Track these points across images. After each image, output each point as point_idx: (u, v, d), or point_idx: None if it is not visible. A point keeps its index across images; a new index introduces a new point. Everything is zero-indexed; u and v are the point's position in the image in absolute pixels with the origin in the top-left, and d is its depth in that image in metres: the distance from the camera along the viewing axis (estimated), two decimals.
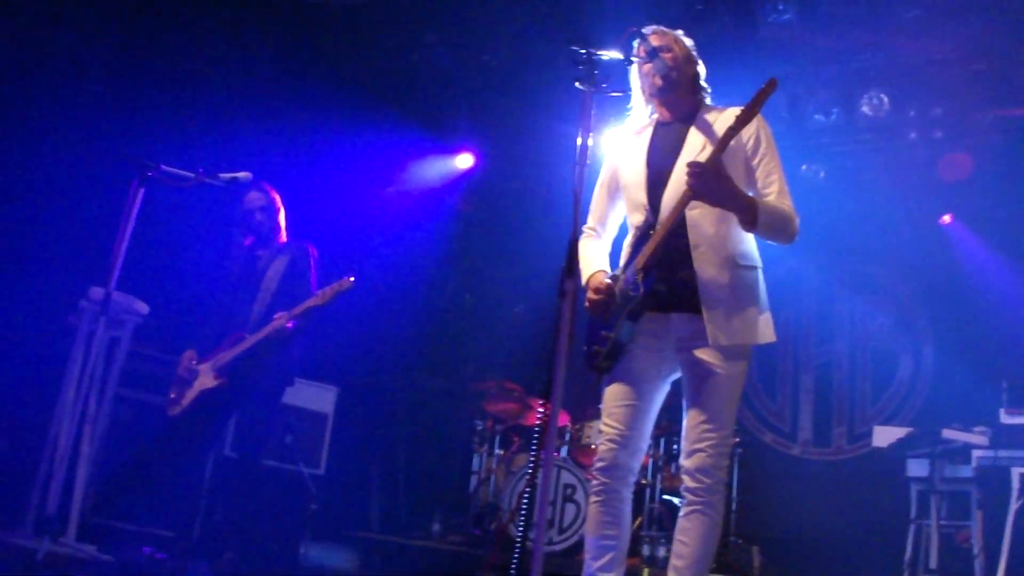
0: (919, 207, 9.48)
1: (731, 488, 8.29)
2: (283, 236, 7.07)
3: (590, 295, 4.38)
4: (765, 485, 9.16)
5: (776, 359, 10.13)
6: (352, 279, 6.62)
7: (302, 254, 7.01)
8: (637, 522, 8.36)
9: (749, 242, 4.40)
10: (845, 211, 9.63)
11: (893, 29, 8.27)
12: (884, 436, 7.94)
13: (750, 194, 4.21)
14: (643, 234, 4.37)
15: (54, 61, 8.41)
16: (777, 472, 9.54)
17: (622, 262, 4.50)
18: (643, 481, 8.41)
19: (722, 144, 4.10)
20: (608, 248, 4.72)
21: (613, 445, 4.35)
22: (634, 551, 8.00)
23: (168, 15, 8.82)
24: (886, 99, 8.97)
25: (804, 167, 9.68)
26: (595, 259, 4.60)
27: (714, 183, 4.04)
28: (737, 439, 8.41)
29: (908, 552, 7.55)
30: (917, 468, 7.70)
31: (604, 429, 4.41)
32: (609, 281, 4.42)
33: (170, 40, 8.91)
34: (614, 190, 4.66)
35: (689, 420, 4.26)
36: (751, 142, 4.33)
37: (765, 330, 4.35)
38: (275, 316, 6.61)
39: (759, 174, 4.31)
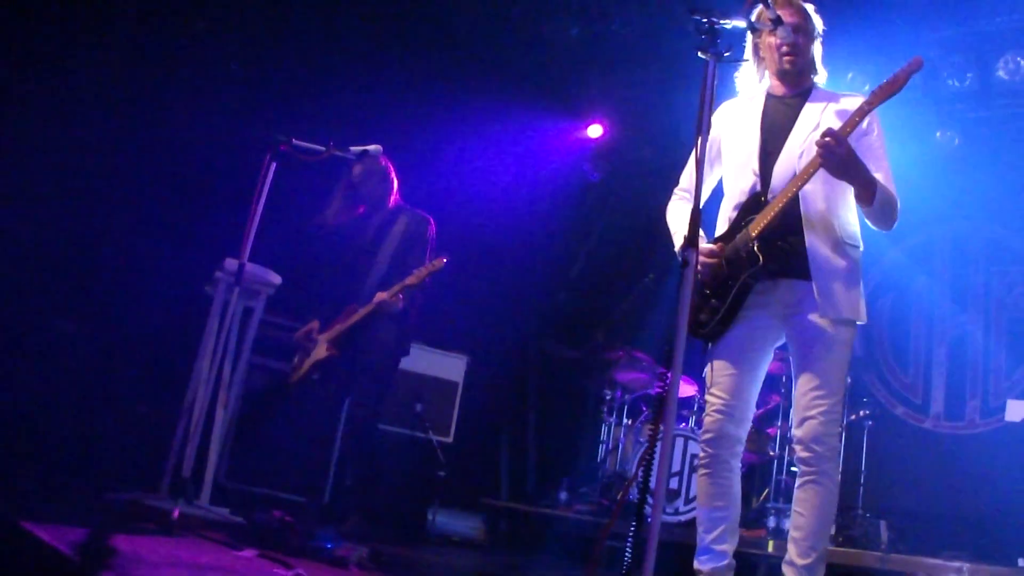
0: None
1: (860, 461, 8.20)
2: (392, 200, 7.14)
3: (704, 259, 4.36)
4: (895, 459, 9.02)
5: (909, 330, 9.93)
6: (444, 260, 6.70)
7: (419, 222, 7.10)
8: (764, 494, 8.32)
9: (854, 223, 4.41)
10: (980, 179, 9.39)
11: None
12: (1018, 410, 7.77)
13: None
14: (751, 201, 4.37)
15: (195, 46, 8.61)
16: (907, 446, 9.36)
17: (722, 228, 4.50)
18: (771, 453, 8.37)
19: (856, 118, 4.11)
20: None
21: (720, 416, 4.38)
22: (760, 523, 7.97)
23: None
24: (1023, 63, 8.72)
25: (938, 134, 9.44)
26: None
27: (842, 154, 4.02)
28: (867, 412, 8.31)
29: None
30: None
31: (710, 400, 4.43)
32: (720, 246, 4.41)
33: (302, 21, 9.06)
34: (714, 156, 4.66)
35: (799, 388, 4.27)
36: (864, 126, 4.29)
37: (863, 310, 4.34)
38: (376, 296, 6.73)
39: (868, 157, 4.26)
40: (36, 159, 7.82)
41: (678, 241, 4.53)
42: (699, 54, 3.77)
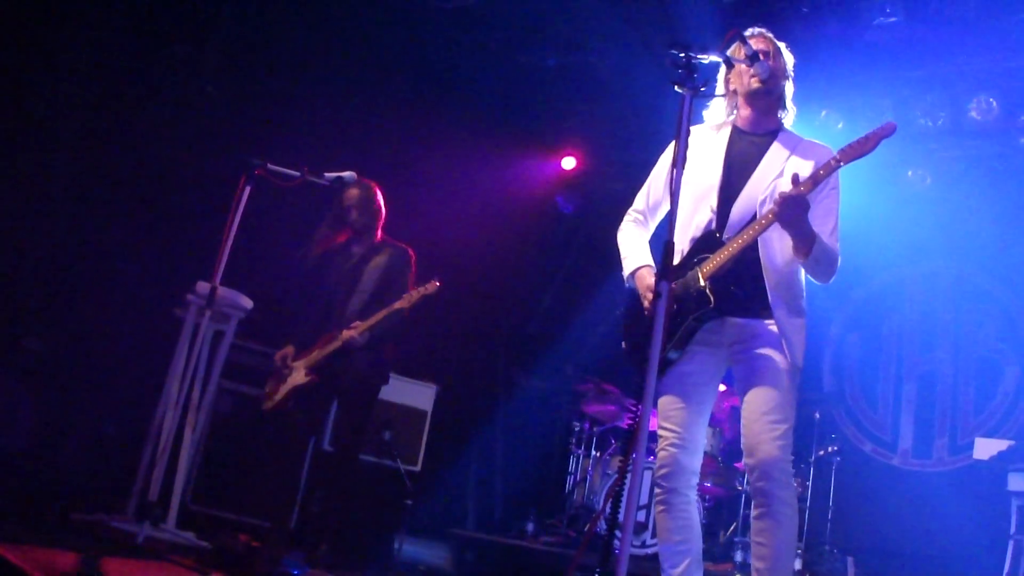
0: None
1: (828, 497, 8.23)
2: (379, 234, 7.13)
3: (651, 297, 4.26)
4: (863, 495, 9.07)
5: (878, 368, 10.00)
6: (438, 283, 6.71)
7: (401, 255, 7.06)
8: (731, 528, 8.33)
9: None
10: (950, 218, 9.48)
11: (1002, 32, 8.12)
12: (986, 448, 7.82)
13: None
14: (706, 236, 4.37)
15: (169, 65, 8.60)
16: (875, 482, 9.41)
17: (676, 259, 4.46)
18: (739, 487, 8.38)
19: (822, 176, 4.12)
20: (649, 237, 4.71)
21: (674, 449, 4.35)
22: (727, 557, 7.98)
23: (276, 20, 8.98)
24: (995, 103, 8.80)
25: (910, 172, 9.54)
26: (642, 250, 4.61)
27: (798, 212, 4.05)
28: (836, 448, 8.35)
29: (1006, 567, 7.39)
30: (1018, 482, 7.54)
31: (663, 434, 4.40)
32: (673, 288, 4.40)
33: (279, 43, 9.06)
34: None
35: (750, 415, 4.23)
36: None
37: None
38: (352, 324, 6.71)
39: (820, 210, 4.27)
40: (7, 179, 7.77)
41: (628, 265, 4.56)
42: (675, 88, 3.78)
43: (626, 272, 4.55)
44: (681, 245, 4.45)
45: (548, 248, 11.50)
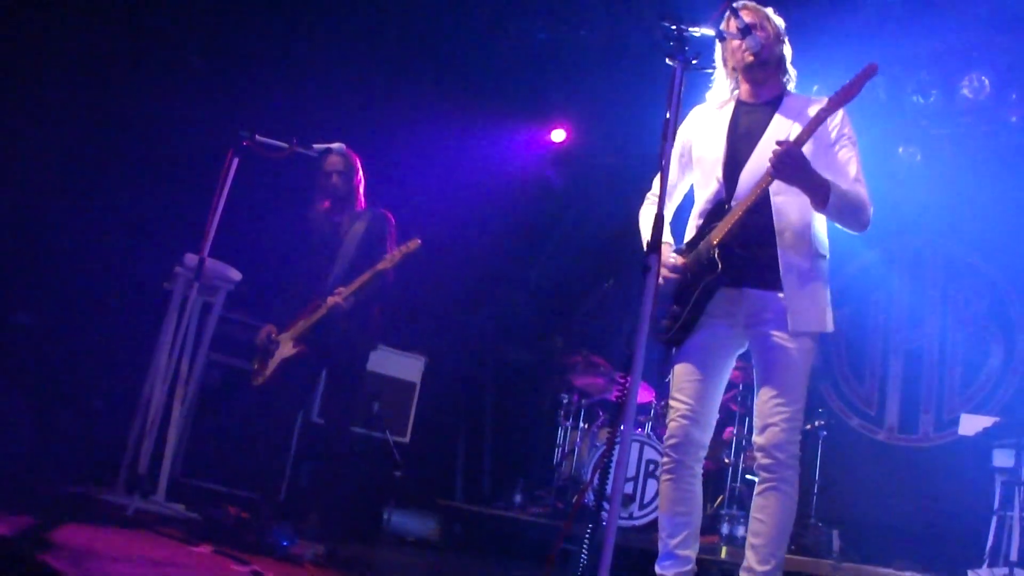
0: (1019, 192, 9.27)
1: (814, 471, 8.26)
2: (361, 202, 7.11)
3: (665, 273, 4.36)
4: (848, 469, 9.10)
5: (865, 343, 10.02)
6: (419, 241, 6.69)
7: (380, 220, 7.05)
8: (718, 500, 8.36)
9: (824, 232, 4.43)
10: (941, 195, 9.48)
11: (995, 11, 8.12)
12: (971, 424, 7.83)
13: (825, 175, 4.19)
14: (716, 209, 4.39)
15: (156, 36, 8.55)
16: (861, 457, 9.45)
17: (690, 235, 4.52)
18: (726, 460, 8.40)
19: (812, 126, 4.12)
20: (670, 218, 4.72)
21: (684, 421, 4.38)
22: (713, 529, 8.01)
23: None
24: (987, 82, 8.80)
25: (900, 149, 9.55)
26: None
27: (793, 164, 4.05)
28: (823, 422, 8.37)
29: (989, 542, 7.43)
30: (1003, 459, 7.55)
31: (674, 405, 4.43)
32: (680, 258, 4.43)
33: (266, 15, 9.01)
34: (685, 162, 4.65)
35: (761, 396, 4.29)
36: (834, 129, 4.35)
37: (830, 319, 4.36)
38: (335, 291, 6.70)
39: (837, 161, 4.31)
40: None
41: (646, 244, 4.56)
42: (667, 61, 3.78)
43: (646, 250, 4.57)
44: (696, 221, 4.52)
45: (537, 220, 11.48)
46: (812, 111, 4.27)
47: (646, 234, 4.50)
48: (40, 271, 8.06)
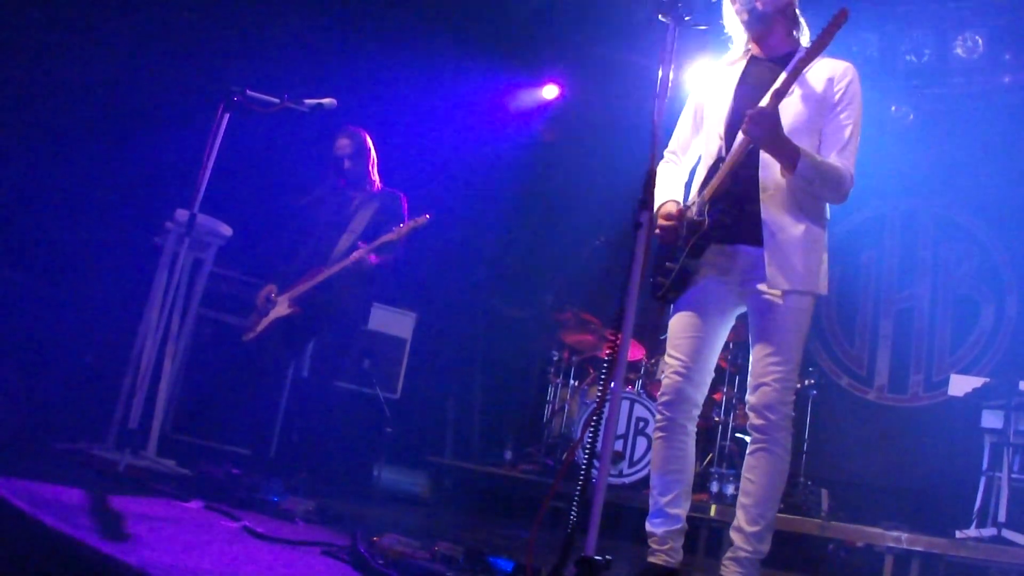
0: (1010, 153, 9.24)
1: (803, 430, 8.28)
2: (376, 183, 7.16)
3: (660, 222, 4.39)
4: (838, 428, 9.15)
5: (856, 303, 10.01)
6: (428, 216, 6.74)
7: (393, 199, 7.15)
8: (708, 459, 8.38)
9: None
10: (933, 155, 9.46)
11: None
12: (961, 385, 7.85)
13: (814, 139, 4.21)
14: (716, 165, 4.37)
15: None
16: (851, 416, 9.47)
17: (694, 191, 4.51)
18: (716, 419, 8.42)
19: (791, 78, 4.09)
20: (685, 177, 4.71)
21: (678, 377, 4.40)
22: (703, 487, 8.03)
23: None
24: (981, 41, 8.76)
25: (893, 108, 9.52)
26: (669, 187, 4.61)
27: (763, 125, 4.04)
28: (812, 381, 8.39)
29: (978, 503, 7.47)
30: (992, 419, 7.57)
31: (669, 361, 4.45)
32: (679, 209, 4.42)
33: None
34: (699, 119, 4.65)
35: (755, 355, 4.29)
36: (841, 94, 4.31)
37: (822, 282, 4.33)
38: (354, 254, 6.73)
39: (831, 126, 4.29)
40: None
41: (656, 203, 4.55)
42: (660, 18, 3.77)
43: (655, 210, 4.54)
44: (700, 178, 4.52)
45: (528, 177, 11.45)
46: (825, 68, 4.27)
47: (659, 195, 4.49)
48: (29, 227, 8.03)
